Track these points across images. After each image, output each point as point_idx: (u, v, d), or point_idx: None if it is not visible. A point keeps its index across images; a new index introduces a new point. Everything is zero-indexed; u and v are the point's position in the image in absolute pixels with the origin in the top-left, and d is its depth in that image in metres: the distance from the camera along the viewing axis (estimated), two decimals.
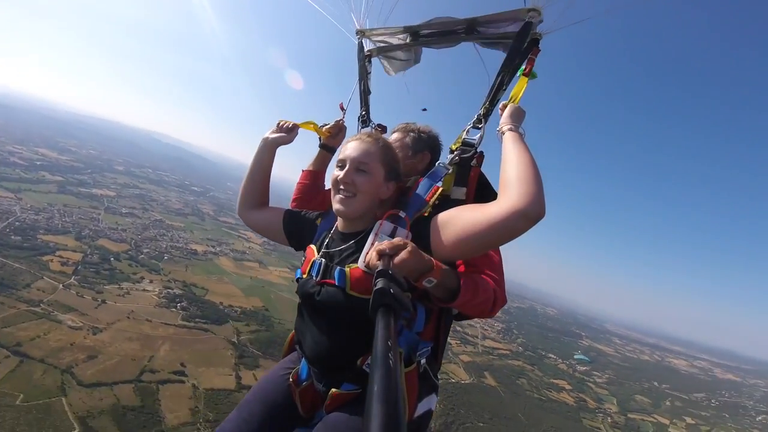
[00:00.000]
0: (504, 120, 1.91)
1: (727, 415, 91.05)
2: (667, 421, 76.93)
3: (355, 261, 1.70)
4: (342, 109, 2.73)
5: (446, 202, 1.89)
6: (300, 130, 2.46)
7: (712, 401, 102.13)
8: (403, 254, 1.36)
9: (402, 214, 1.76)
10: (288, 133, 2.35)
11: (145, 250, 66.18)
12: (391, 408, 0.52)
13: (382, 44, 2.89)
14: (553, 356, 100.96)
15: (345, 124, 2.67)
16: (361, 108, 2.80)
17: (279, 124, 2.39)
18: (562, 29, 2.08)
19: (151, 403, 34.44)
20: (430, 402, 1.94)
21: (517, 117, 1.92)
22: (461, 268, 1.80)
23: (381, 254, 1.35)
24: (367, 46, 2.90)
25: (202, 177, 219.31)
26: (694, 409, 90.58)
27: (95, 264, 55.14)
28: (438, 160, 2.45)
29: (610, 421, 70.10)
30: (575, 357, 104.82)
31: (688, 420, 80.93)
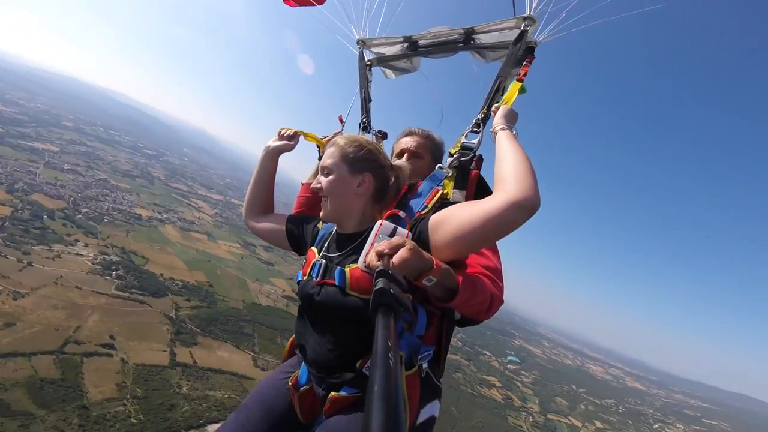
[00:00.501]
0: (497, 120, 1.95)
1: (630, 422, 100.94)
2: (580, 424, 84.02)
3: (355, 261, 1.68)
4: (341, 121, 2.77)
5: (446, 204, 1.92)
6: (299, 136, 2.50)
7: (620, 407, 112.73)
8: (402, 252, 1.34)
9: (402, 215, 1.79)
10: (290, 140, 2.40)
11: (83, 210, 61.75)
12: (391, 407, 0.52)
13: (382, 54, 2.95)
14: (488, 353, 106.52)
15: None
16: (362, 115, 2.85)
17: (280, 132, 2.41)
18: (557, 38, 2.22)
19: (73, 377, 32.73)
20: (433, 408, 1.90)
21: (510, 118, 1.97)
22: (460, 270, 1.81)
23: (380, 254, 1.33)
24: (368, 55, 2.96)
25: (157, 140, 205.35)
26: (603, 413, 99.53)
27: (25, 221, 50.67)
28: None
29: (531, 420, 75.56)
30: (508, 358, 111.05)
31: (598, 424, 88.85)
